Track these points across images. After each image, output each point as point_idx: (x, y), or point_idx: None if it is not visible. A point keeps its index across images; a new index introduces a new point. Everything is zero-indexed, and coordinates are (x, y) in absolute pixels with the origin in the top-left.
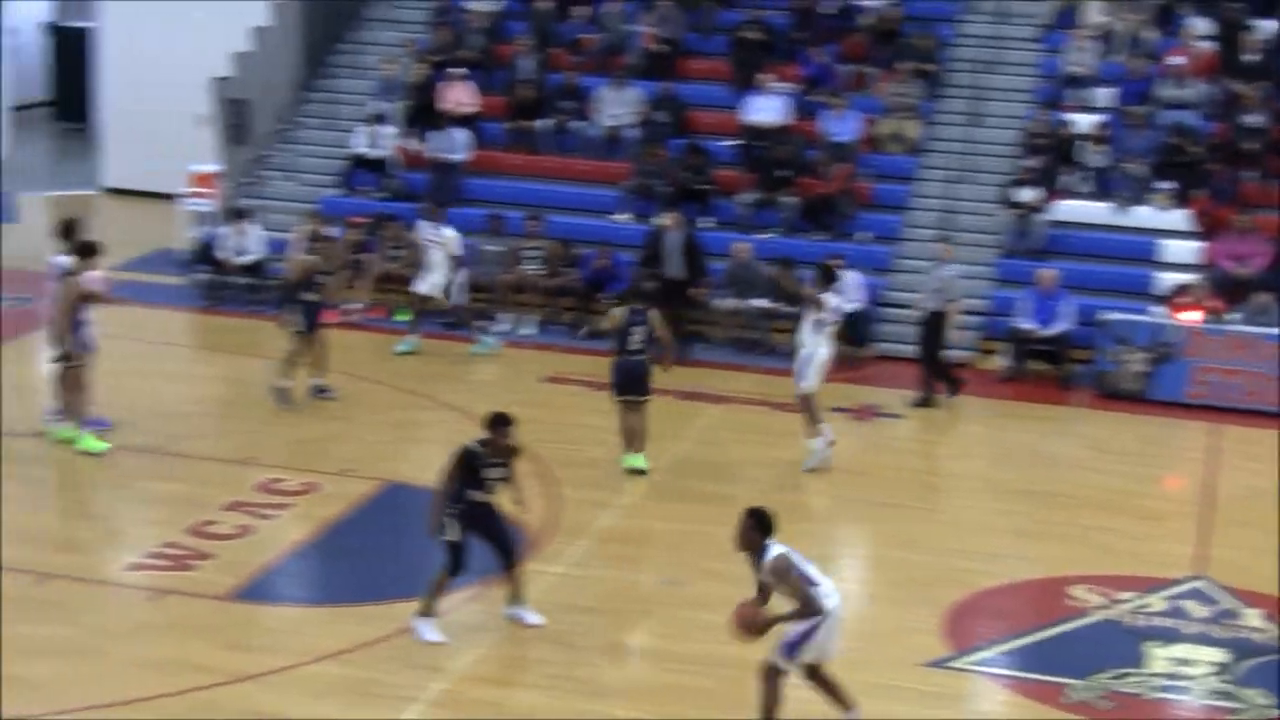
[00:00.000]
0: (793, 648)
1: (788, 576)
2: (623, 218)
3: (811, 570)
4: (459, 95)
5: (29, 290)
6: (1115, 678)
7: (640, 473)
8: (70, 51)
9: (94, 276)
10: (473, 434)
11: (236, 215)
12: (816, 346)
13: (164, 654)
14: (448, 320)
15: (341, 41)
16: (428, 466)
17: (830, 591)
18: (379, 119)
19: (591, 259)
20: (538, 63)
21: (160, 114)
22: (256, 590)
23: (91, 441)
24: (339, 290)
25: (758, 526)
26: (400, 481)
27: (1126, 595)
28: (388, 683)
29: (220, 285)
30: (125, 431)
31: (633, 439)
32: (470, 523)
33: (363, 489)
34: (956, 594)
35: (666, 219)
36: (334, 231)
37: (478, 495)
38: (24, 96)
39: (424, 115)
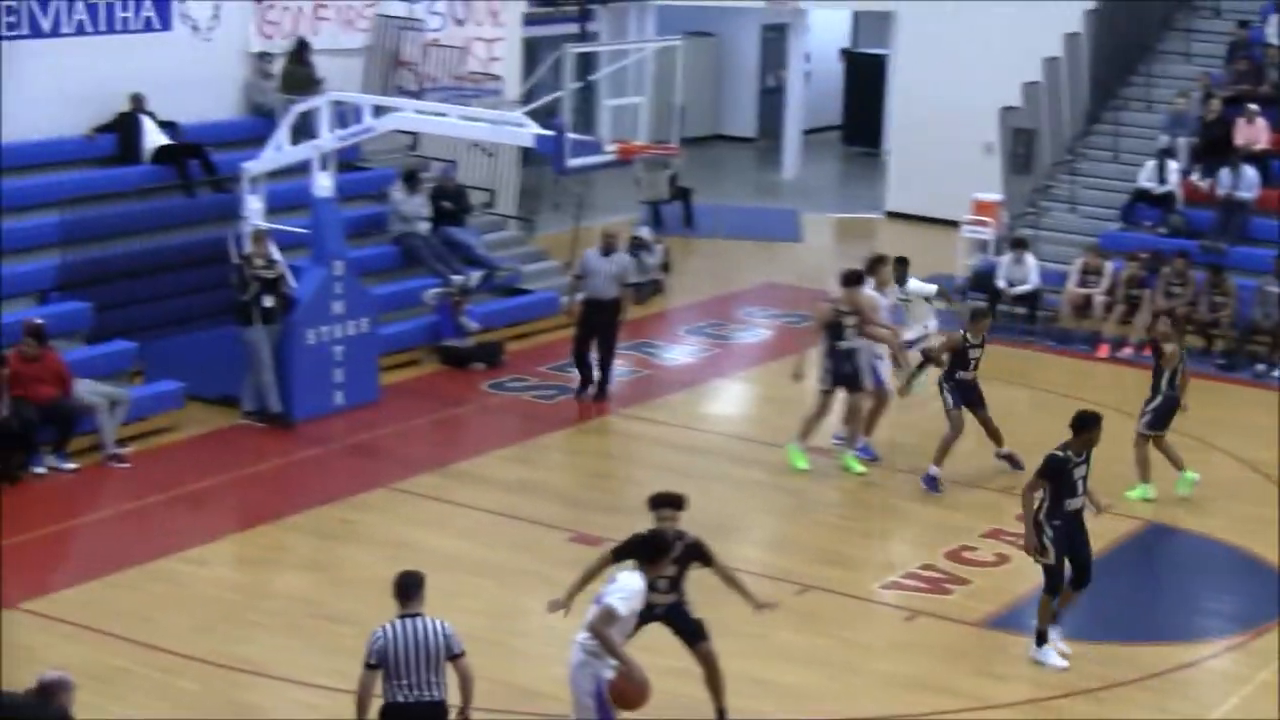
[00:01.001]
0: None
1: None
2: None
3: None
4: (1253, 132)
5: (807, 308)
6: None
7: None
8: (864, 78)
9: (875, 304)
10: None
11: (1015, 244)
12: None
13: (914, 673)
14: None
15: (1132, 74)
16: (1194, 510)
17: None
18: (1166, 153)
19: None
20: None
21: (945, 141)
22: (1009, 619)
23: (853, 462)
24: (1111, 325)
25: None
26: (1162, 523)
27: None
28: None
29: (995, 314)
30: (892, 453)
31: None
32: (1067, 537)
33: (1124, 527)
34: None
35: None
36: (1113, 265)
37: (1073, 503)
38: (817, 120)
39: (1214, 151)
